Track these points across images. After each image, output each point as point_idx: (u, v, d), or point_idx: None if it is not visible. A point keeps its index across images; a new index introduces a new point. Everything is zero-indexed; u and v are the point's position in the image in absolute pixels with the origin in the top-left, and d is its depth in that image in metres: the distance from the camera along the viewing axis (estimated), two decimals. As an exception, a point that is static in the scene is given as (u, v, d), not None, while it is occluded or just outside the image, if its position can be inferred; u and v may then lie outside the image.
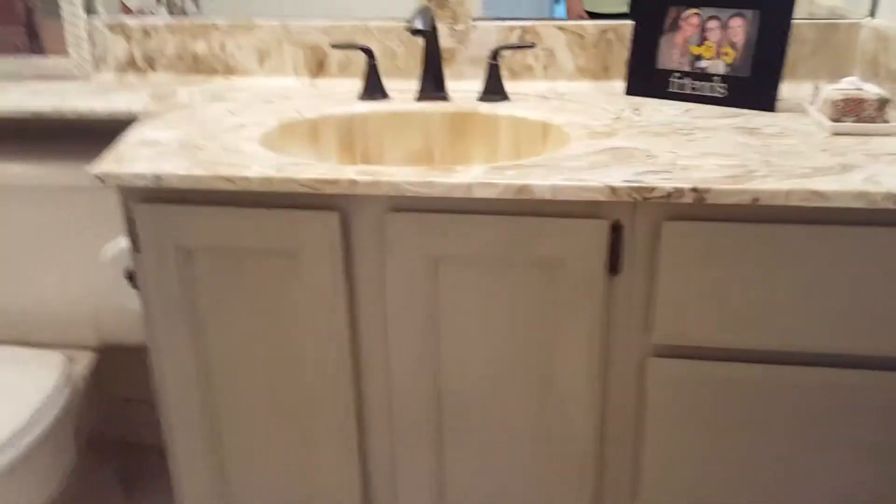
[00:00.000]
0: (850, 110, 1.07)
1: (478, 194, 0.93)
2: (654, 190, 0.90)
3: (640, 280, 0.98)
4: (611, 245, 0.96)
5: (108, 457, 1.74)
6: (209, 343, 1.09)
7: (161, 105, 1.28)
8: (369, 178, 0.94)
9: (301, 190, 0.95)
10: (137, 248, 1.05)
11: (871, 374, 0.97)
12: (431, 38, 1.28)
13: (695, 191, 0.90)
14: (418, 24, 1.17)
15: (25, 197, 1.36)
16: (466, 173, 0.95)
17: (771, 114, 1.18)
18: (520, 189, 0.92)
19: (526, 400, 1.06)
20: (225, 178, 0.96)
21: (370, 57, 1.30)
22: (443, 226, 0.97)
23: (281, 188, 0.96)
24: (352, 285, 1.04)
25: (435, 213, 0.97)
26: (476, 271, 1.00)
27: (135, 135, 1.12)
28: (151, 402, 1.76)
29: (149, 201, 1.02)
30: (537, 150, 1.21)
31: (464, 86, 1.38)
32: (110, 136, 1.46)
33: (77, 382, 1.40)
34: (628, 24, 1.32)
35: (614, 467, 1.09)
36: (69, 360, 1.43)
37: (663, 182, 0.91)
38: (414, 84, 1.40)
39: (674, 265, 0.95)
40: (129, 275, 1.12)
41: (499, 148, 1.26)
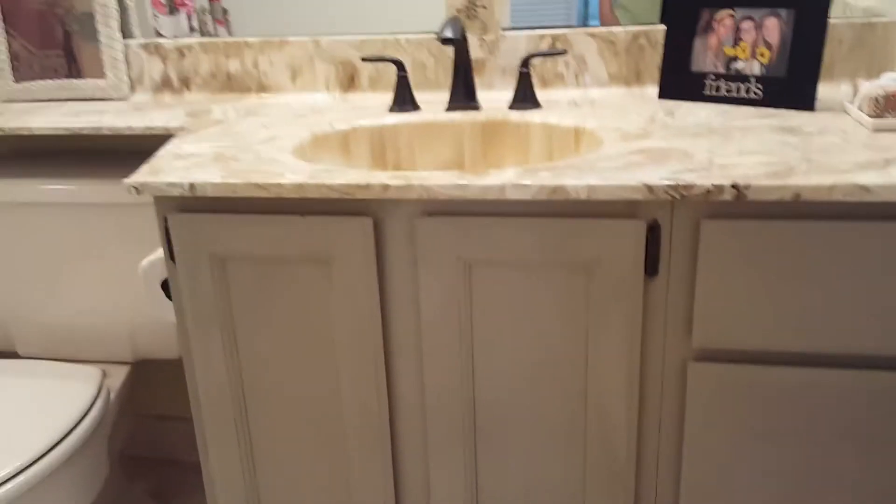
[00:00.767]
0: (891, 106, 1.04)
1: (511, 196, 0.92)
2: (692, 187, 0.88)
3: (678, 281, 0.96)
4: (648, 246, 0.94)
5: (142, 473, 1.75)
6: (242, 351, 1.09)
7: (196, 121, 1.30)
8: (401, 182, 0.94)
9: (333, 195, 0.95)
10: (172, 257, 1.05)
11: (925, 375, 0.94)
12: (461, 49, 1.28)
13: (735, 187, 0.88)
14: (448, 33, 1.17)
15: (64, 214, 1.38)
16: (499, 175, 0.94)
17: (809, 113, 1.16)
18: (554, 190, 0.91)
19: (561, 406, 1.04)
20: (258, 186, 0.97)
21: (401, 69, 1.30)
22: (476, 229, 0.96)
23: (313, 194, 0.96)
24: (385, 291, 1.03)
25: (468, 216, 0.96)
26: (510, 275, 0.98)
27: (170, 148, 1.14)
28: (185, 420, 1.77)
29: (183, 210, 1.03)
30: (570, 155, 1.20)
31: (495, 95, 1.38)
32: (147, 155, 1.48)
33: (112, 397, 1.41)
34: (660, 29, 1.31)
35: (652, 475, 1.06)
36: (105, 374, 1.44)
37: (702, 179, 0.89)
38: (444, 96, 1.40)
39: (713, 265, 0.93)
40: (165, 285, 1.12)
41: (531, 155, 1.25)
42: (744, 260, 0.92)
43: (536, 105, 1.28)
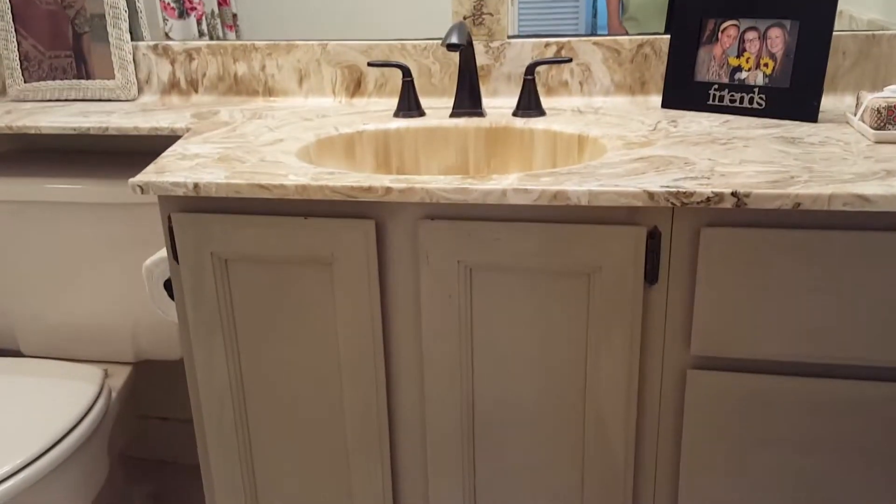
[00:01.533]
0: (894, 118, 1.04)
1: (512, 201, 0.92)
2: (692, 195, 0.89)
3: (678, 289, 0.96)
4: (648, 253, 0.94)
5: (142, 475, 1.75)
6: (243, 351, 1.10)
7: (202, 123, 1.31)
8: (404, 185, 0.95)
9: (336, 197, 0.96)
10: (176, 257, 1.06)
11: (924, 387, 0.94)
12: (467, 55, 1.29)
13: (735, 195, 0.88)
14: (454, 39, 1.18)
15: (69, 213, 1.39)
16: (501, 180, 0.94)
17: (812, 124, 1.16)
18: (555, 195, 0.91)
19: (560, 411, 1.04)
20: (261, 186, 0.97)
21: (406, 74, 1.31)
22: (477, 233, 0.97)
23: (316, 195, 0.96)
24: (386, 293, 1.03)
25: (469, 220, 0.97)
26: (511, 279, 0.99)
27: (175, 149, 1.15)
28: (186, 421, 1.77)
29: (187, 210, 1.04)
30: (573, 162, 1.21)
31: (500, 102, 1.39)
32: (153, 155, 1.50)
33: (113, 397, 1.41)
34: (665, 38, 1.32)
35: (650, 482, 1.06)
36: (107, 374, 1.45)
37: (702, 187, 0.89)
38: (449, 101, 1.41)
39: (713, 273, 0.93)
40: (168, 284, 1.13)
41: (535, 162, 1.26)
42: (744, 268, 0.92)
43: (541, 112, 1.29)
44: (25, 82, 1.53)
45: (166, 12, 1.50)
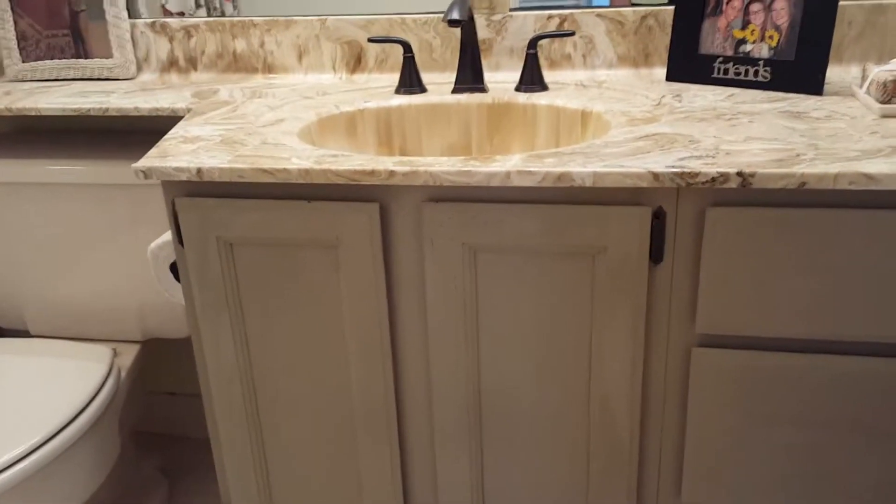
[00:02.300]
0: (901, 91, 1.04)
1: (517, 183, 0.92)
2: (697, 175, 0.88)
3: (683, 268, 0.96)
4: (653, 233, 0.94)
5: (152, 449, 1.77)
6: (250, 334, 1.11)
7: (203, 103, 1.30)
8: (407, 169, 0.94)
9: (339, 181, 0.96)
10: (181, 240, 1.06)
11: (927, 362, 0.94)
12: (468, 29, 1.28)
13: (740, 175, 0.88)
14: (454, 14, 1.16)
15: (73, 194, 1.39)
16: (505, 162, 0.94)
17: (817, 97, 1.15)
18: (559, 177, 0.91)
19: (566, 390, 1.05)
20: (265, 171, 0.97)
21: (407, 50, 1.30)
22: (481, 215, 0.97)
23: (319, 179, 0.96)
24: (391, 275, 1.04)
25: (473, 202, 0.96)
26: (515, 261, 0.99)
27: (177, 131, 1.14)
28: (195, 396, 1.79)
29: (191, 195, 1.04)
30: (577, 138, 1.20)
31: (502, 76, 1.38)
32: (155, 132, 1.49)
33: (123, 375, 1.43)
34: (669, 10, 1.30)
35: (655, 459, 1.07)
36: (116, 353, 1.46)
37: (707, 167, 0.89)
38: (451, 76, 1.40)
39: (718, 252, 0.93)
40: (174, 267, 1.13)
41: (538, 138, 1.25)
42: (748, 247, 0.93)
43: (544, 87, 1.28)
44: (23, 62, 1.52)
45: (162, -16, 1.48)
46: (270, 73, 1.47)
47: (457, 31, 1.38)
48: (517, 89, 1.28)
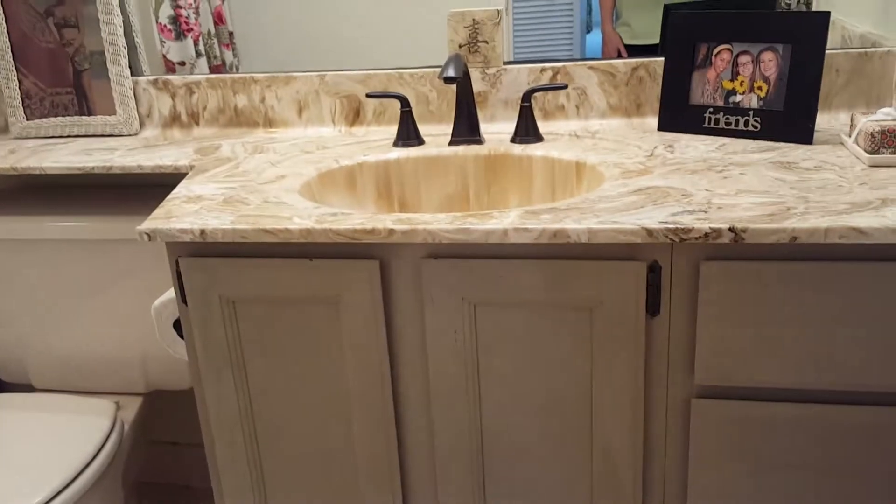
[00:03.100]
0: (887, 142, 1.06)
1: (514, 240, 0.94)
2: (690, 231, 0.90)
3: (679, 320, 0.98)
4: (648, 286, 0.96)
5: (155, 500, 1.77)
6: (253, 389, 1.12)
7: (205, 159, 1.32)
8: (406, 227, 0.96)
9: (340, 240, 0.97)
10: (184, 299, 1.08)
11: (923, 410, 0.95)
12: (464, 83, 1.31)
13: (732, 231, 0.89)
14: (450, 72, 1.19)
15: (76, 249, 1.41)
16: (502, 219, 0.96)
17: (807, 146, 1.17)
18: (555, 233, 0.93)
19: (568, 441, 1.06)
20: (267, 231, 0.99)
21: (405, 104, 1.32)
22: (480, 271, 0.98)
23: (321, 239, 0.98)
24: (392, 330, 1.05)
25: (472, 258, 0.98)
26: (514, 314, 1.00)
27: (180, 191, 1.16)
28: (198, 446, 1.79)
29: (195, 255, 1.05)
30: (572, 189, 1.22)
31: (497, 128, 1.40)
32: (158, 187, 1.51)
33: (126, 429, 1.43)
34: (660, 61, 1.33)
35: (661, 509, 1.08)
36: (119, 406, 1.47)
37: (700, 223, 0.91)
38: (448, 128, 1.42)
39: (713, 305, 0.95)
40: (177, 324, 1.15)
41: (534, 189, 1.27)
42: (743, 299, 0.94)
43: (538, 138, 1.30)
44: (28, 119, 1.55)
45: (163, 34, 1.51)
46: (271, 128, 1.50)
47: (453, 86, 1.41)
48: (513, 140, 1.31)
